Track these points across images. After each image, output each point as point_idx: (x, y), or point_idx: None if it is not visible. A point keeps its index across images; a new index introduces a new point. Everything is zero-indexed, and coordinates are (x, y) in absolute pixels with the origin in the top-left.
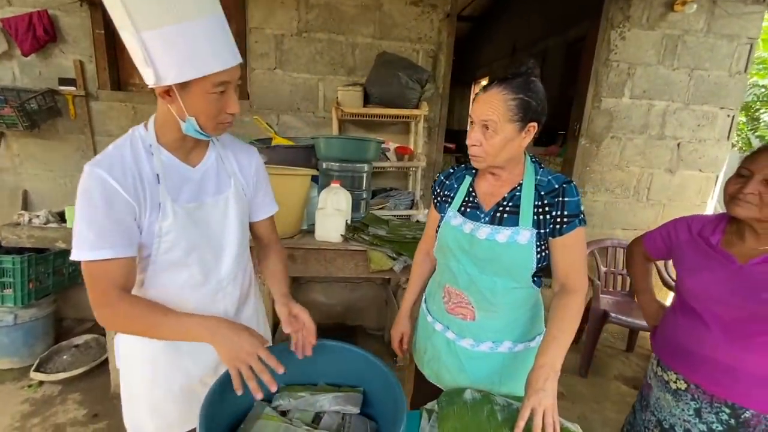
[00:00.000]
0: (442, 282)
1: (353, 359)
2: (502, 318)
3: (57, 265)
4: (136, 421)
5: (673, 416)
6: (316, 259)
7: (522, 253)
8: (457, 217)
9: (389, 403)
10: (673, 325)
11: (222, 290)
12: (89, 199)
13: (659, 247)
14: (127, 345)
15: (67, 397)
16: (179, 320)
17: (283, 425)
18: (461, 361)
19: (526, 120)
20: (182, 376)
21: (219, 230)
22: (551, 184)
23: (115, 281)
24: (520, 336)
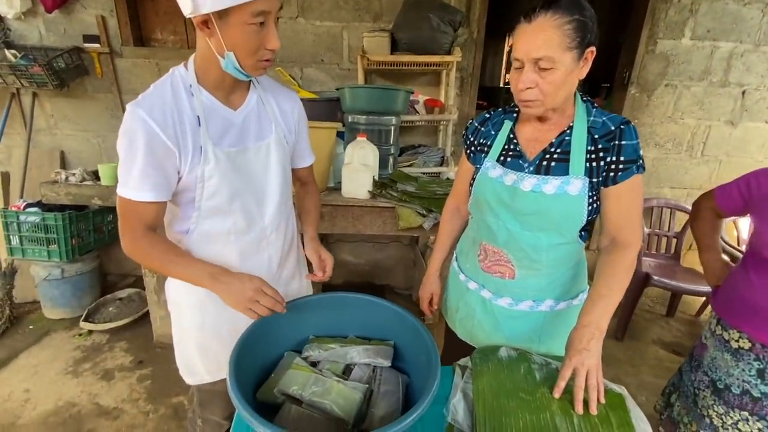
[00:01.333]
0: (478, 239)
1: (384, 313)
2: (545, 276)
3: (97, 222)
4: (187, 362)
5: (731, 376)
6: (343, 216)
7: (572, 206)
8: (496, 168)
9: (421, 356)
10: (742, 284)
11: (266, 238)
12: (131, 141)
13: (735, 202)
14: (176, 290)
15: (114, 345)
16: (187, 263)
17: (314, 376)
18: (497, 320)
19: (584, 44)
20: (229, 321)
21: (261, 177)
22: (607, 126)
23: (143, 220)
24: (562, 294)
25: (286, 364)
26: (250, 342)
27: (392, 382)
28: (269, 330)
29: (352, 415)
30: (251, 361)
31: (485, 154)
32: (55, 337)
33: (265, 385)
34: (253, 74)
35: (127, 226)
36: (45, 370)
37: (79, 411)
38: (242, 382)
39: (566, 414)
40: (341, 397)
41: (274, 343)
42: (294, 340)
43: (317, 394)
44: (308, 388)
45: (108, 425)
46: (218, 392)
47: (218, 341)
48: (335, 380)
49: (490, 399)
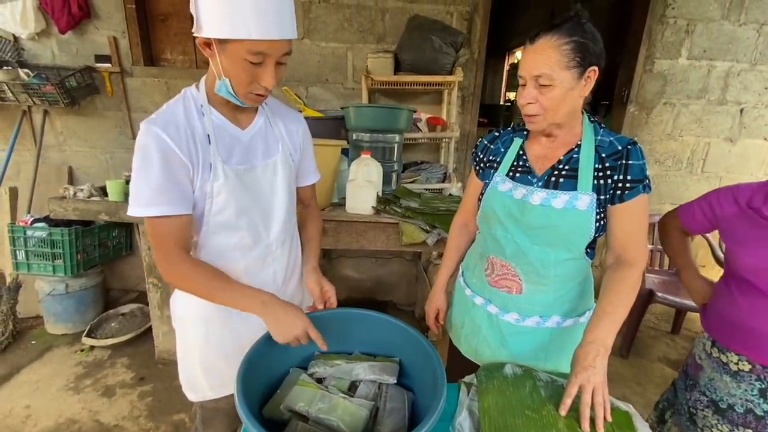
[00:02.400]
0: (485, 253)
1: (389, 329)
2: (552, 291)
3: (102, 238)
4: (191, 378)
5: (733, 396)
6: (347, 232)
7: (580, 220)
8: (506, 182)
9: (427, 373)
10: (728, 303)
11: (271, 254)
12: (146, 155)
13: (699, 222)
14: (183, 306)
15: (116, 361)
16: (237, 290)
17: (320, 392)
18: (503, 336)
19: (585, 64)
20: (233, 338)
21: (268, 194)
22: (614, 146)
23: (176, 239)
24: (570, 311)
25: (292, 380)
26: (256, 358)
27: (398, 399)
28: (275, 347)
29: None
30: (257, 377)
31: (494, 170)
32: (57, 353)
33: (271, 401)
34: (246, 102)
35: (160, 250)
36: (46, 386)
37: (80, 428)
38: (249, 398)
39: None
40: (347, 414)
41: (280, 359)
42: (299, 357)
43: (323, 410)
44: (314, 404)
45: None
46: (221, 409)
47: (222, 358)
48: (341, 397)
49: (496, 416)
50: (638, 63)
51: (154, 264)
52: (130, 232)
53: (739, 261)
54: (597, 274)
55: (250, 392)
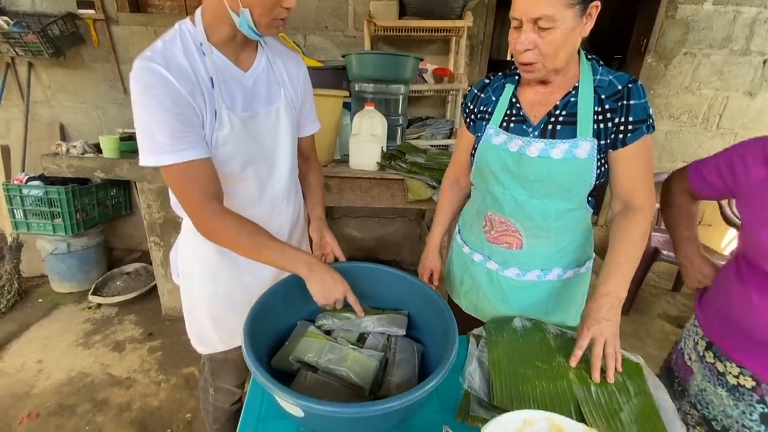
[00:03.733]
0: (482, 210)
1: (397, 283)
2: (553, 244)
3: (100, 197)
4: (199, 332)
5: (729, 417)
6: (350, 189)
7: (581, 170)
8: (499, 135)
9: (437, 325)
10: (736, 300)
11: (276, 207)
12: (152, 96)
13: (713, 185)
14: (187, 261)
15: (123, 318)
16: (282, 248)
17: (329, 343)
18: (504, 291)
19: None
20: (242, 292)
21: (272, 144)
22: (614, 85)
23: (207, 188)
24: (571, 262)
25: (300, 332)
26: (263, 311)
27: (407, 350)
28: (282, 299)
29: (368, 382)
30: (265, 329)
31: (486, 122)
32: (65, 311)
33: (280, 353)
34: (266, 33)
35: (191, 203)
36: (56, 342)
37: (92, 381)
38: (257, 350)
39: (584, 382)
40: (357, 365)
41: (287, 312)
42: (306, 310)
43: (333, 361)
44: (324, 355)
45: (121, 394)
46: (230, 360)
47: (231, 311)
48: (351, 348)
49: (506, 367)
50: (660, 8)
51: (154, 223)
52: (128, 191)
53: (763, 246)
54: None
55: (258, 344)
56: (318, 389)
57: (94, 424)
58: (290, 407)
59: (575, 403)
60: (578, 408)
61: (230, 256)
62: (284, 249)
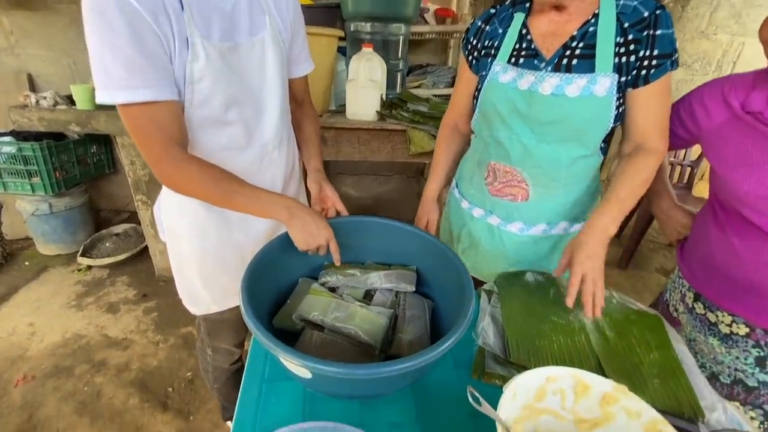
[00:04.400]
0: (485, 159)
1: (404, 237)
2: (562, 195)
3: (80, 154)
4: (192, 292)
5: (719, 364)
6: (348, 141)
7: (598, 109)
8: (507, 71)
9: (449, 280)
10: (719, 247)
11: (267, 156)
12: (107, 24)
13: (677, 134)
14: (171, 217)
15: (116, 279)
16: (256, 193)
17: (335, 301)
18: (505, 247)
19: None
20: (233, 249)
21: (257, 83)
22: (639, 12)
23: (168, 133)
24: (578, 215)
25: (303, 290)
26: (261, 267)
27: (418, 306)
28: (281, 255)
29: (378, 340)
30: (264, 287)
31: (492, 58)
32: (54, 273)
33: (282, 311)
34: None
35: (149, 148)
36: (47, 305)
37: (88, 342)
38: (257, 309)
39: (602, 336)
40: (366, 322)
41: (287, 268)
42: (308, 267)
43: (340, 319)
44: (329, 313)
45: (119, 355)
46: (227, 321)
47: (222, 269)
48: (358, 305)
49: (520, 323)
50: None
51: (139, 180)
52: (110, 148)
53: (736, 190)
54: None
55: (258, 303)
56: (325, 348)
57: (93, 385)
58: (297, 369)
59: (595, 359)
60: (598, 363)
61: (219, 210)
62: (258, 194)
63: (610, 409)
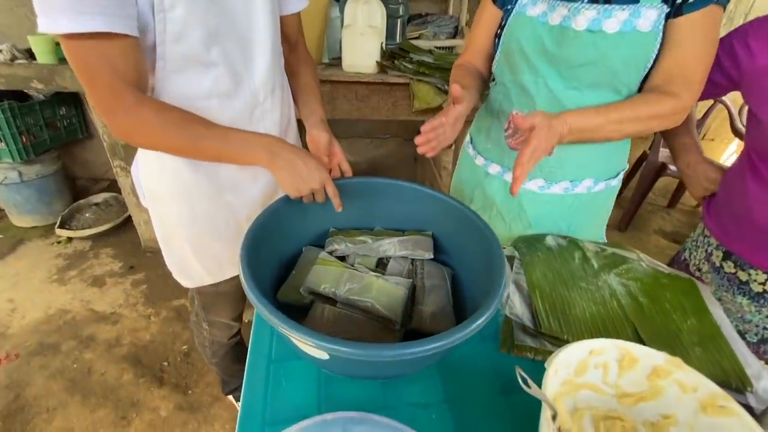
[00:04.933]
0: (506, 108)
1: (418, 199)
2: (590, 149)
3: (47, 116)
4: (181, 263)
5: (747, 323)
6: (344, 97)
7: (641, 47)
8: (537, 3)
9: (473, 248)
10: (754, 200)
11: (259, 105)
12: None
13: (714, 80)
14: (152, 179)
15: (99, 251)
16: (226, 134)
17: (347, 271)
18: (522, 207)
19: None
20: (226, 215)
21: (243, 17)
22: None
23: (122, 73)
24: (605, 172)
25: (309, 259)
26: (261, 235)
27: (437, 275)
28: (283, 221)
29: (399, 313)
30: (265, 257)
31: None
32: (31, 246)
33: (287, 284)
34: None
35: (103, 89)
36: (27, 279)
37: (74, 317)
38: (259, 281)
39: (635, 302)
40: (384, 294)
41: (288, 236)
42: (312, 234)
43: (354, 291)
44: (342, 285)
45: (108, 330)
46: (222, 293)
47: (215, 237)
48: (374, 275)
49: (548, 291)
50: None
51: (115, 144)
52: (81, 110)
53: None
54: None
55: (260, 275)
56: (339, 325)
57: (83, 362)
58: (313, 350)
59: (631, 327)
60: (635, 332)
61: (205, 167)
62: (229, 135)
63: (660, 382)
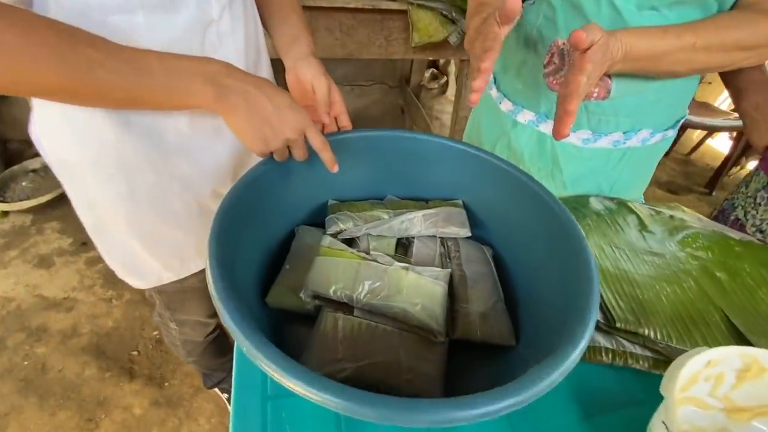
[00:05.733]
0: (547, 35)
1: (442, 156)
2: (655, 90)
3: None
4: (128, 260)
5: None
6: (327, 30)
7: None
8: None
9: (518, 217)
10: None
11: (213, 24)
12: None
13: None
14: (58, 144)
15: (42, 226)
16: (144, 62)
17: (363, 263)
18: (559, 164)
19: None
20: (180, 187)
21: None
22: None
23: None
24: (665, 120)
25: (306, 244)
26: (238, 215)
27: (478, 259)
28: (268, 194)
29: (441, 321)
30: (245, 245)
31: None
32: None
33: (278, 282)
34: None
35: None
36: None
37: (18, 306)
38: (237, 285)
39: (713, 279)
40: (417, 294)
41: (276, 214)
42: (305, 208)
43: (378, 292)
44: (359, 284)
45: (62, 318)
46: (190, 290)
47: (170, 221)
48: (400, 268)
49: (612, 270)
50: None
51: None
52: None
53: None
54: None
55: (236, 273)
56: (360, 341)
57: (35, 357)
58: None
59: (719, 313)
60: (726, 319)
61: (138, 123)
62: (147, 61)
63: None
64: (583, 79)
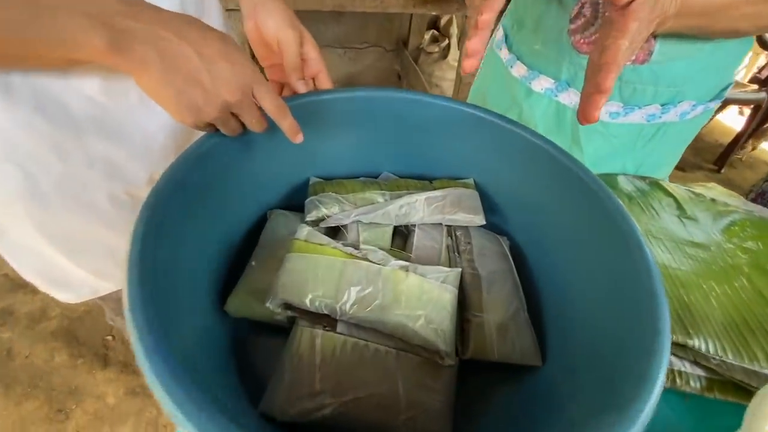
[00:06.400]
0: None
1: (453, 124)
2: (704, 56)
3: None
4: (48, 271)
5: None
6: None
7: None
8: None
9: (547, 203)
10: None
11: None
12: None
13: None
14: None
15: None
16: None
17: (351, 262)
18: (579, 141)
19: None
20: (101, 175)
21: None
22: None
23: None
24: (711, 89)
25: (280, 235)
26: (180, 202)
27: (494, 253)
28: (222, 171)
29: (449, 340)
30: (192, 240)
31: None
32: None
33: (239, 288)
34: None
35: None
36: None
37: None
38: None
39: (762, 273)
40: (420, 303)
41: (235, 195)
42: (280, 187)
43: (370, 302)
44: (344, 291)
45: (29, 301)
46: None
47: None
48: (398, 267)
49: None
50: None
51: None
52: None
53: None
54: None
55: (178, 280)
56: (344, 366)
57: (0, 342)
58: None
59: None
60: None
61: (25, 93)
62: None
63: None
64: (624, 44)
